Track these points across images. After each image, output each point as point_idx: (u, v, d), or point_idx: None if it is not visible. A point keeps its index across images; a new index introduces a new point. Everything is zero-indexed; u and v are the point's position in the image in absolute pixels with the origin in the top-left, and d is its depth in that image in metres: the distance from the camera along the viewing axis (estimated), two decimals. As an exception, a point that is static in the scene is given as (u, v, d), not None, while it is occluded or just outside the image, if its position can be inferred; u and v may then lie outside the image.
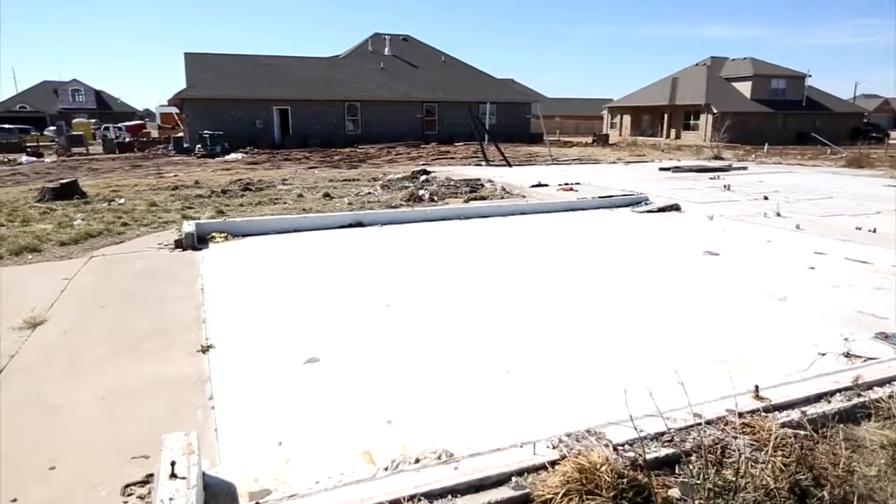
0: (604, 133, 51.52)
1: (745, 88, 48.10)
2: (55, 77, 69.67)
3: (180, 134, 36.92)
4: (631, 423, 2.88)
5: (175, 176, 19.95)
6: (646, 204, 12.60)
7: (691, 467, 2.86)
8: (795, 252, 8.25)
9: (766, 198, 13.25)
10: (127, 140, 37.93)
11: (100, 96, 66.01)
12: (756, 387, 3.52)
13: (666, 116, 50.40)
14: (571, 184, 15.50)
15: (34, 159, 28.16)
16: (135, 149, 35.20)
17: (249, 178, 17.80)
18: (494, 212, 11.67)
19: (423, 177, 17.41)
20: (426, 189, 14.52)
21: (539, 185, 15.21)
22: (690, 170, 20.53)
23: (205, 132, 30.85)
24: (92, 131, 43.21)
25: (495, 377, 4.27)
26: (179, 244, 8.57)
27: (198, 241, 8.71)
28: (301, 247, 8.80)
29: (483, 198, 13.71)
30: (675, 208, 12.15)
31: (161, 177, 19.78)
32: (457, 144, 35.96)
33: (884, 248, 8.03)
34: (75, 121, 46.33)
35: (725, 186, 15.46)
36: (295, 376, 4.34)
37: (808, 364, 4.30)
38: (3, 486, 3.06)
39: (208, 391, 4.09)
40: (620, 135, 53.61)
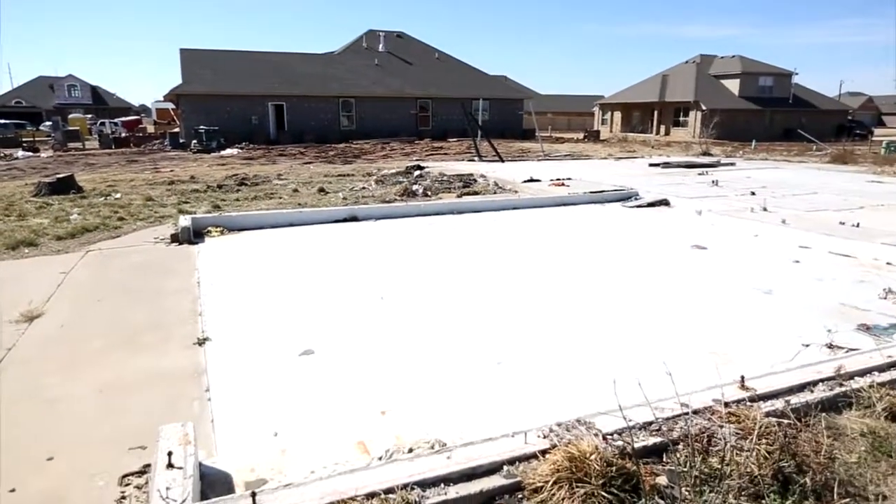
0: (595, 129, 51.58)
1: (734, 86, 48.27)
2: (51, 72, 68.98)
3: (176, 129, 36.63)
4: (620, 413, 2.91)
5: (171, 171, 19.87)
6: (636, 199, 12.68)
7: (678, 455, 2.90)
8: (781, 246, 8.36)
9: (753, 193, 13.38)
10: (123, 135, 37.77)
11: (96, 92, 65.33)
12: (742, 377, 3.57)
13: (656, 113, 50.55)
14: (563, 179, 15.54)
15: (30, 154, 27.96)
16: (131, 144, 35.02)
17: (245, 174, 17.77)
18: (487, 206, 11.71)
19: (417, 172, 17.43)
20: (420, 184, 14.56)
21: (531, 181, 15.26)
22: (679, 166, 20.62)
23: (200, 127, 30.69)
24: (88, 126, 42.94)
25: (487, 368, 4.34)
26: (176, 238, 8.59)
27: (194, 236, 8.73)
28: (296, 241, 8.83)
29: (476, 193, 13.76)
30: (665, 203, 12.25)
31: (157, 172, 19.70)
32: (450, 140, 35.94)
33: (866, 243, 8.13)
34: (71, 116, 45.99)
35: (714, 182, 15.57)
36: (290, 368, 4.39)
37: (793, 355, 4.39)
38: (2, 477, 3.08)
39: (204, 383, 4.13)
40: (611, 131, 53.63)
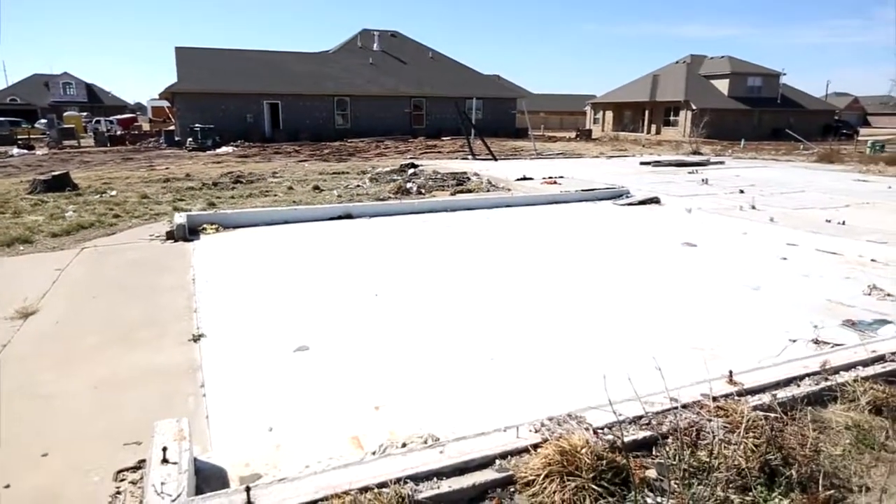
0: (587, 128, 51.75)
1: (723, 86, 48.61)
2: (46, 70, 68.45)
3: (171, 127, 36.45)
4: (610, 408, 2.94)
5: (166, 168, 19.79)
6: (627, 197, 12.76)
7: (667, 449, 2.94)
8: (769, 243, 8.46)
9: (742, 191, 13.45)
10: (118, 133, 37.54)
11: (91, 89, 64.94)
12: (730, 372, 3.62)
13: (647, 112, 50.76)
14: (555, 177, 15.57)
15: (25, 152, 27.77)
16: (126, 142, 34.81)
17: (240, 171, 17.72)
18: (480, 204, 11.75)
19: (411, 170, 17.45)
20: (414, 182, 14.59)
21: (524, 179, 15.29)
22: (670, 164, 20.69)
23: (196, 125, 30.57)
24: (83, 124, 42.66)
25: (480, 364, 4.37)
26: (171, 235, 8.59)
27: (189, 233, 8.74)
28: (291, 238, 8.84)
29: (469, 191, 13.80)
30: (655, 201, 12.34)
31: (152, 169, 19.62)
32: (444, 139, 35.94)
33: (852, 240, 8.21)
34: (66, 114, 45.66)
35: (703, 180, 15.64)
36: (285, 364, 4.41)
37: (780, 350, 4.45)
38: (-2, 473, 3.09)
39: (199, 379, 4.15)
40: (603, 130, 53.78)
